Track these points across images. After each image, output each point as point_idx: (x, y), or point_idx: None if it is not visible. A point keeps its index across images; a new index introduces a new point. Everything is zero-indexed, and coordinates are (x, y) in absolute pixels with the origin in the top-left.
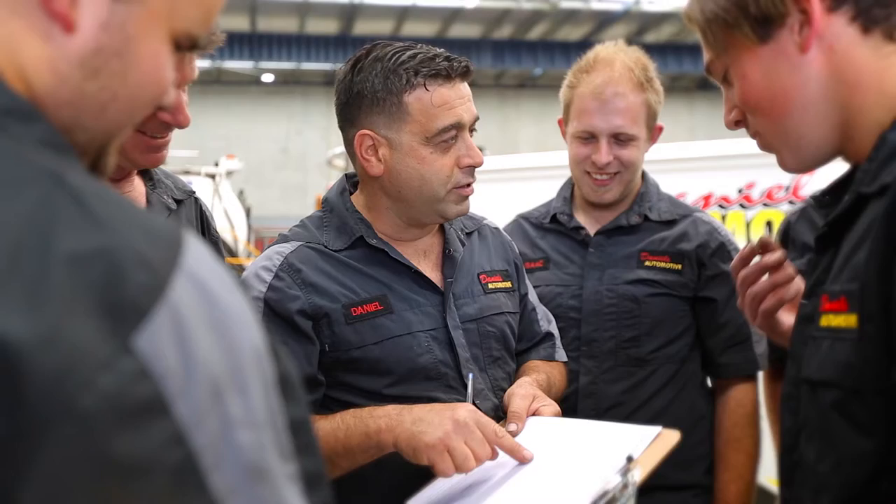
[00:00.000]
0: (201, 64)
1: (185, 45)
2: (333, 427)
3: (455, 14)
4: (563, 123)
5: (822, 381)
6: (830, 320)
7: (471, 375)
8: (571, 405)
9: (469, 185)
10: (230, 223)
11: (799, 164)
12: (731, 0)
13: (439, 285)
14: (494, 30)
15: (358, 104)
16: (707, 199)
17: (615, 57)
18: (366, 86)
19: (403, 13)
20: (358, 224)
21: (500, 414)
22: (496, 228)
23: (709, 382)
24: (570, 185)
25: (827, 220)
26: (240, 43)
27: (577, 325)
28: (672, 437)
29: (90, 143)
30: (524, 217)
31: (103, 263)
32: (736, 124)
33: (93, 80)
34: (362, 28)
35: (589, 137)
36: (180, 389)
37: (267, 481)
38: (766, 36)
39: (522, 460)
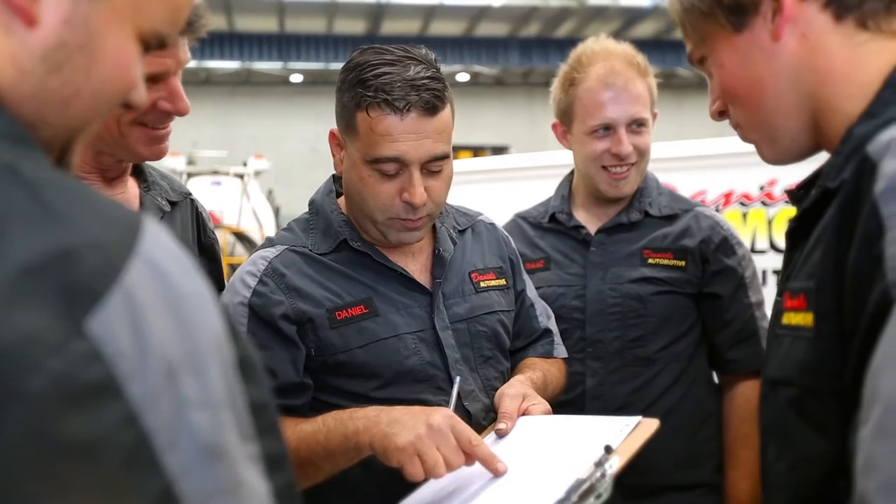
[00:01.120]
0: (231, 66)
1: (152, 44)
2: (315, 429)
3: (482, 12)
4: (559, 127)
5: (780, 379)
6: (791, 318)
7: (458, 379)
8: (579, 407)
9: (412, 219)
10: (258, 223)
11: (776, 155)
12: (689, 9)
13: (428, 286)
14: (522, 28)
15: (336, 102)
16: (728, 196)
17: (611, 48)
18: (340, 87)
19: (430, 12)
20: (342, 227)
21: (491, 414)
22: (492, 224)
23: (716, 379)
24: (567, 183)
25: (795, 216)
26: (268, 44)
27: (582, 326)
28: (651, 425)
29: (54, 139)
30: (522, 216)
31: (58, 251)
32: (720, 115)
33: (55, 74)
34: (389, 28)
35: (605, 130)
36: (133, 371)
37: (224, 461)
38: (741, 25)
39: (496, 472)
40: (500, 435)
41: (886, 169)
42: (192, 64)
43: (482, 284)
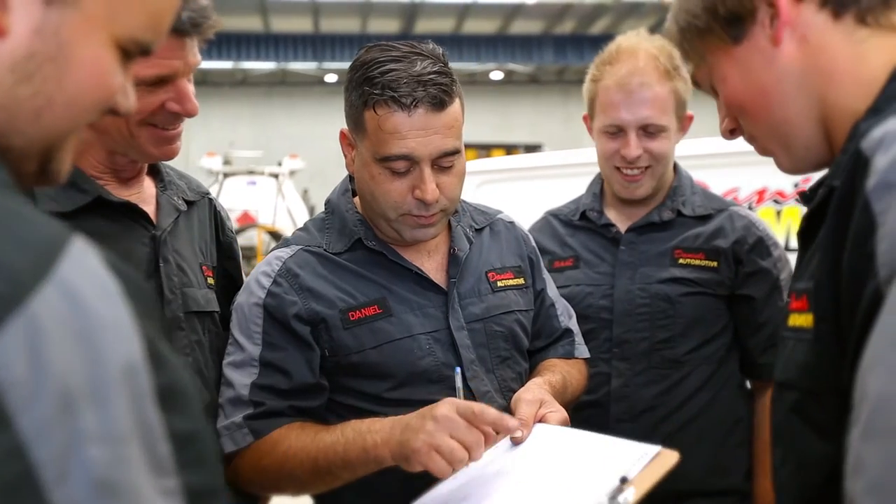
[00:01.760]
0: (267, 66)
1: (133, 51)
2: (333, 440)
3: (516, 10)
4: (588, 120)
5: (784, 382)
6: (795, 320)
7: (457, 370)
8: (604, 409)
9: (426, 216)
10: (293, 222)
11: (793, 164)
12: (701, 6)
13: (443, 285)
14: (556, 25)
15: (344, 101)
16: (761, 194)
17: (638, 47)
18: (348, 87)
19: (464, 10)
20: (357, 226)
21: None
22: (511, 223)
23: (748, 384)
24: (599, 181)
25: (804, 215)
26: (303, 44)
27: (609, 326)
28: (670, 458)
29: (29, 148)
30: (553, 214)
31: None
32: (731, 133)
33: (25, 84)
34: (423, 26)
35: (616, 131)
36: (25, 401)
37: (120, 497)
38: (739, 35)
39: (507, 430)
40: (516, 443)
41: (878, 164)
42: (228, 65)
43: (499, 284)
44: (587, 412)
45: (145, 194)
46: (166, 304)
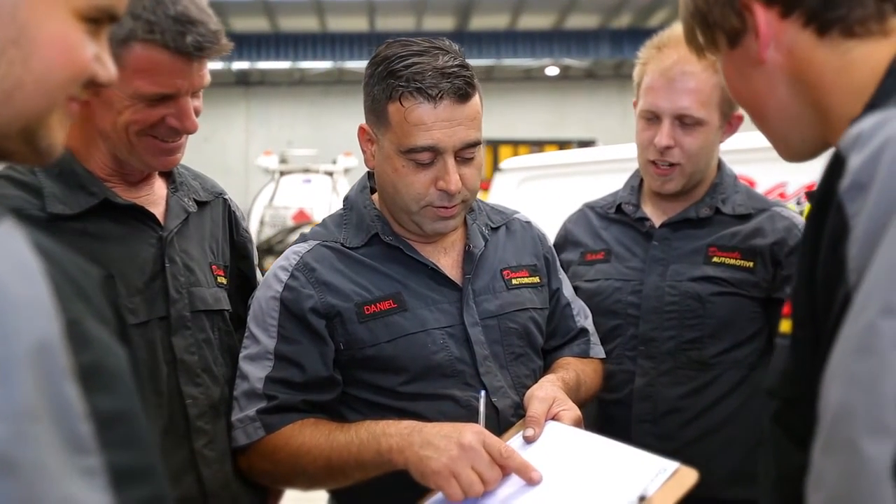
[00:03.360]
0: (324, 66)
1: (101, 18)
2: (347, 440)
3: (572, 4)
4: (636, 105)
5: (768, 390)
6: (783, 325)
7: (482, 393)
8: (626, 407)
9: (447, 207)
10: None
11: (793, 156)
12: (694, 16)
13: (458, 282)
14: (613, 19)
15: (364, 97)
16: (810, 188)
17: None
18: (369, 82)
19: (519, 5)
20: (374, 221)
21: (520, 412)
22: (528, 222)
23: None
24: (639, 175)
25: (806, 216)
26: (359, 43)
27: (636, 322)
28: (690, 477)
29: (7, 128)
30: (590, 206)
31: None
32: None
33: None
34: (478, 23)
35: (652, 118)
36: None
37: (18, 474)
38: (735, 41)
39: (530, 481)
40: (528, 441)
41: (852, 164)
42: (286, 65)
43: (514, 281)
44: (610, 410)
45: (155, 196)
46: (172, 304)
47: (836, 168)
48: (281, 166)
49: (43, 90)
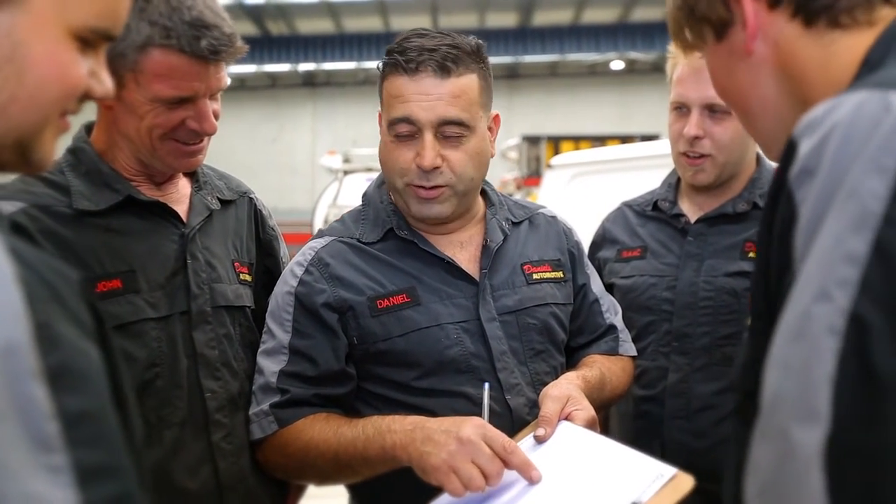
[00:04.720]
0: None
1: (92, 39)
2: (354, 436)
3: None
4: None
5: (731, 383)
6: (750, 318)
7: (486, 385)
8: (660, 404)
9: (426, 188)
10: None
11: (779, 154)
12: (681, 8)
13: (475, 276)
14: None
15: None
16: None
17: None
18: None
19: (582, 0)
20: (390, 216)
21: (535, 410)
22: (553, 217)
23: None
24: (676, 172)
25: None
26: None
27: (670, 318)
28: (686, 483)
29: (2, 140)
30: (627, 204)
31: None
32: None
33: None
34: (541, 19)
35: (682, 108)
36: None
37: None
38: (721, 34)
39: (530, 480)
40: (539, 441)
41: (802, 150)
42: (351, 65)
43: (535, 276)
44: (644, 407)
45: (179, 194)
46: (193, 299)
47: (788, 155)
48: (344, 166)
49: (36, 105)
